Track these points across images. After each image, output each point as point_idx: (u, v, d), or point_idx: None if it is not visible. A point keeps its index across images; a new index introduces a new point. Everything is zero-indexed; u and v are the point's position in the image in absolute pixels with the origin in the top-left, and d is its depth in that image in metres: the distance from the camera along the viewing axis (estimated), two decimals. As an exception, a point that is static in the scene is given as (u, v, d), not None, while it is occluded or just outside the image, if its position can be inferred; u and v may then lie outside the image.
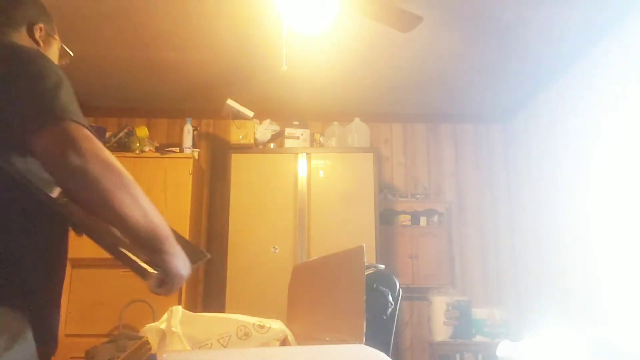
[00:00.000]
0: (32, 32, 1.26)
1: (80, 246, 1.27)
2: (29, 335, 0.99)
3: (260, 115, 4.11)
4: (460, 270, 4.32)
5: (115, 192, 0.96)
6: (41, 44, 1.28)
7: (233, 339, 1.73)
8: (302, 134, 4.12)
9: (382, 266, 1.82)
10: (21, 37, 1.24)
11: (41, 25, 1.28)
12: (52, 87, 1.00)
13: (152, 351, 1.69)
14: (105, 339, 3.02)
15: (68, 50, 1.40)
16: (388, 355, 1.28)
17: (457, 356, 3.76)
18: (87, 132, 0.98)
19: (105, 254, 1.04)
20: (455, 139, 4.57)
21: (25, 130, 0.96)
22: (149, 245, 1.03)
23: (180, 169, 3.77)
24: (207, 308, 4.02)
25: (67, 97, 1.01)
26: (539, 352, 2.80)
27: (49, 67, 1.04)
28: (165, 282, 1.04)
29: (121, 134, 3.94)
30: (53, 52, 1.34)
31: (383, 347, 1.39)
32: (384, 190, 4.27)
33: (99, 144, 0.98)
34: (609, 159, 3.08)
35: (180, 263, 1.07)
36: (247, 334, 1.75)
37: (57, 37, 1.35)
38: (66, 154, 0.93)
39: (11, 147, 1.00)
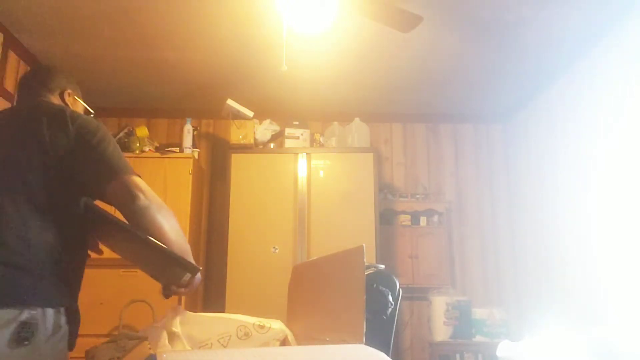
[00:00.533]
0: (64, 96, 1.65)
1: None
2: (65, 326, 1.37)
3: (260, 115, 4.11)
4: (460, 270, 4.32)
5: (164, 222, 1.36)
6: (70, 105, 1.63)
7: (233, 339, 1.73)
8: (302, 134, 4.11)
9: (382, 266, 1.81)
10: (55, 100, 1.62)
11: (69, 91, 1.67)
12: (114, 149, 1.41)
13: (152, 351, 1.69)
14: (105, 339, 3.00)
15: (90, 109, 1.76)
16: (388, 355, 1.28)
17: (457, 356, 3.76)
18: (142, 179, 1.38)
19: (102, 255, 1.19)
20: (455, 139, 4.57)
21: (99, 182, 1.36)
22: None
23: (180, 169, 3.77)
24: (207, 308, 4.02)
25: (122, 155, 1.42)
26: (539, 352, 2.80)
27: (108, 134, 1.45)
28: (189, 283, 1.39)
29: (121, 134, 3.95)
30: (79, 110, 1.67)
31: (383, 347, 1.39)
32: (384, 190, 4.27)
33: (150, 188, 1.38)
34: (609, 159, 3.08)
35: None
36: (247, 334, 1.75)
37: (80, 98, 1.72)
38: (137, 197, 1.33)
39: (79, 192, 1.41)
